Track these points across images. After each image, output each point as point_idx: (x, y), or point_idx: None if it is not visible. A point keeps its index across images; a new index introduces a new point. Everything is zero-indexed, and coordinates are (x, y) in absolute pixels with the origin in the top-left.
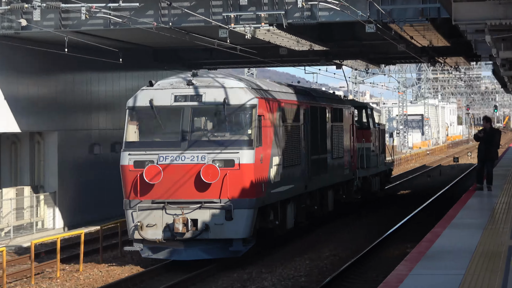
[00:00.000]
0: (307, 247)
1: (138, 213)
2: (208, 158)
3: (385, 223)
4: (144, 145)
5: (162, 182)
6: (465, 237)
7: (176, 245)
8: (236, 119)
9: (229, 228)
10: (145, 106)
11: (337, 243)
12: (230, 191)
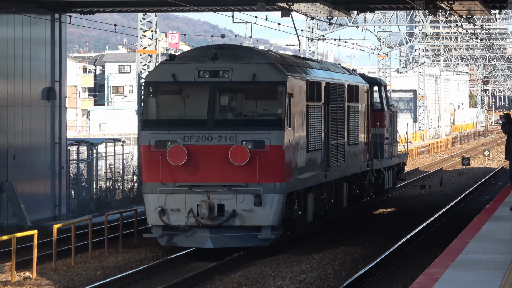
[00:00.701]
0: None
1: (159, 197)
2: (237, 139)
3: (349, 265)
4: (166, 123)
5: (187, 164)
6: (477, 283)
7: (200, 232)
8: (265, 97)
9: (258, 214)
10: (166, 81)
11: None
12: (260, 175)
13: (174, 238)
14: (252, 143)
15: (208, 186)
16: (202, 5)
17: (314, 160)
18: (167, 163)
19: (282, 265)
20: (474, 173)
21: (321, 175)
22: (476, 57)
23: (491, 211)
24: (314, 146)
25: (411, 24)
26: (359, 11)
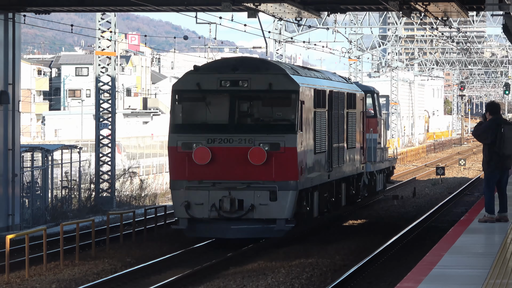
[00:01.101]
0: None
1: (186, 193)
2: (255, 142)
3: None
4: (191, 127)
5: (210, 164)
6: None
7: (222, 224)
8: (280, 103)
9: (273, 208)
10: (191, 89)
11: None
12: (275, 173)
13: (198, 230)
14: (269, 145)
15: (229, 183)
16: (164, 4)
17: (320, 161)
18: (192, 163)
19: (246, 279)
20: (449, 183)
21: (325, 175)
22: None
23: (467, 223)
24: (320, 148)
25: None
26: (329, 12)
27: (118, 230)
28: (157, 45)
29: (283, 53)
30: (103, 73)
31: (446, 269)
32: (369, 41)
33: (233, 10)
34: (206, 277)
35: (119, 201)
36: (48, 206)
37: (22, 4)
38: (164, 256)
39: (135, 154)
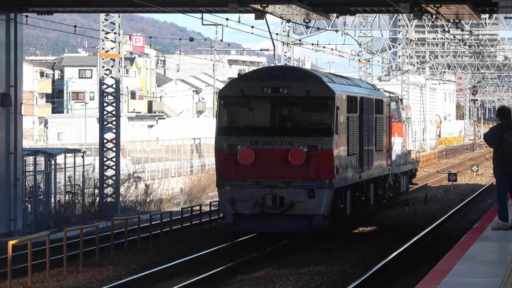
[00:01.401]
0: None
1: (231, 190)
2: (295, 144)
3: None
4: (236, 130)
5: (254, 164)
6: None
7: (264, 220)
8: (318, 109)
9: (312, 205)
10: (236, 95)
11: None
12: (313, 173)
13: (242, 224)
14: (307, 147)
15: (271, 182)
16: (170, 5)
17: (352, 163)
18: (237, 163)
19: (254, 286)
20: (461, 190)
21: (357, 176)
22: (464, 65)
23: (480, 231)
24: (352, 150)
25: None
26: (338, 14)
27: (122, 236)
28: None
29: (291, 55)
30: (107, 75)
31: (458, 277)
32: (379, 43)
33: (240, 11)
34: (213, 284)
35: (123, 206)
36: (51, 211)
37: (24, 4)
38: (169, 263)
39: (140, 159)
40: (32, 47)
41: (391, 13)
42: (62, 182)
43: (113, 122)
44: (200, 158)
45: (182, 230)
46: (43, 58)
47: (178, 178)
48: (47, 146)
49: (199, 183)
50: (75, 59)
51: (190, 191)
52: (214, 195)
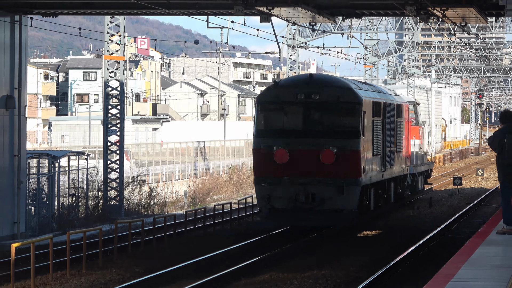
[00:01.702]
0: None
1: (267, 187)
2: (326, 145)
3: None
4: (272, 132)
5: (288, 163)
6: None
7: (297, 214)
8: (346, 113)
9: (341, 201)
10: (272, 101)
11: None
12: (342, 171)
13: (277, 219)
14: (337, 148)
15: (304, 179)
16: (175, 8)
17: (376, 163)
18: (273, 162)
19: None
20: (466, 194)
21: (380, 175)
22: (470, 69)
23: (484, 235)
24: (377, 151)
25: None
26: (344, 17)
27: (126, 239)
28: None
29: (297, 58)
30: (111, 77)
31: (462, 281)
32: (385, 47)
33: (245, 14)
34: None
35: (127, 209)
36: (54, 214)
37: (29, 6)
38: (173, 267)
39: (144, 162)
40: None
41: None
42: (66, 185)
43: (117, 124)
44: (204, 161)
45: (186, 233)
46: (47, 60)
47: (182, 181)
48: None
49: (203, 186)
50: (80, 62)
51: (194, 194)
52: (219, 198)
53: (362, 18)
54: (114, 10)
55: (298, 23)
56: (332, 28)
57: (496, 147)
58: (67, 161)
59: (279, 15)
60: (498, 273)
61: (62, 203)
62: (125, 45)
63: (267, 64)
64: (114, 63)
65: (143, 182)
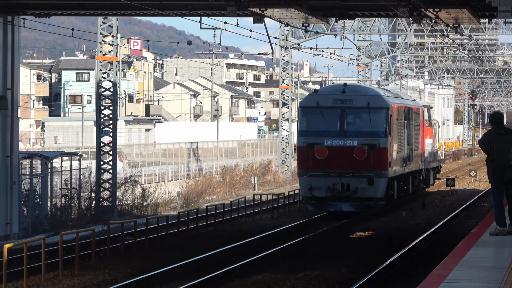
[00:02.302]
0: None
1: (309, 179)
2: (358, 143)
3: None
4: (313, 133)
5: (327, 158)
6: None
7: (335, 201)
8: (376, 117)
9: (371, 190)
10: (313, 106)
11: None
12: (373, 165)
13: (317, 205)
14: (368, 145)
15: (340, 172)
16: (168, 9)
17: (399, 158)
18: (314, 157)
19: None
20: (459, 195)
21: (402, 169)
22: (463, 70)
23: (477, 236)
24: (400, 149)
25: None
26: (337, 18)
27: (119, 240)
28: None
29: (290, 59)
30: (104, 78)
31: (455, 283)
32: (378, 48)
33: (238, 15)
34: None
35: (120, 210)
36: (47, 214)
37: (21, 7)
38: (166, 268)
39: (137, 162)
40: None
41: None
42: (59, 186)
43: (110, 125)
44: (197, 162)
45: (178, 234)
46: (40, 61)
47: (175, 182)
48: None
49: (196, 187)
50: (73, 62)
51: (187, 195)
52: (211, 199)
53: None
54: (106, 11)
55: (291, 24)
56: (325, 29)
57: (486, 149)
58: (60, 162)
59: (272, 16)
60: (491, 274)
61: (55, 204)
62: (118, 46)
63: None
64: (107, 64)
65: (135, 183)
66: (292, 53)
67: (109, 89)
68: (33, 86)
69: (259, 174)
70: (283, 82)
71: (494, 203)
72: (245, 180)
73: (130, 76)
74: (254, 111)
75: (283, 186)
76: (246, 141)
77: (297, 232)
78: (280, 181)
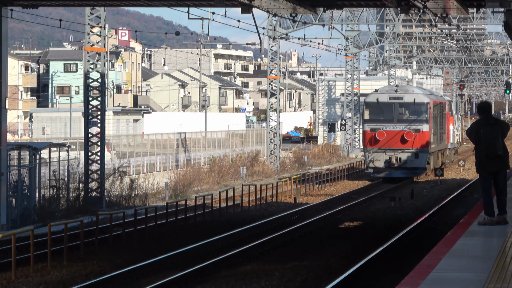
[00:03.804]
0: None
1: (371, 154)
2: (407, 128)
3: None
4: (375, 120)
5: (384, 139)
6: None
7: (390, 170)
8: (419, 109)
9: (416, 162)
10: (374, 101)
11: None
12: (417, 144)
13: (377, 172)
14: (414, 130)
15: (394, 149)
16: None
17: (435, 139)
18: (376, 138)
19: (239, 282)
20: (447, 185)
21: (435, 147)
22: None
23: (466, 226)
24: (435, 132)
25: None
26: (325, 8)
27: (107, 231)
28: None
29: (278, 49)
30: (92, 69)
31: (444, 272)
32: (366, 38)
33: (226, 5)
34: (198, 280)
35: (108, 201)
36: (35, 205)
37: None
38: (154, 258)
39: (125, 153)
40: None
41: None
42: (47, 177)
43: (98, 116)
44: (185, 153)
45: (167, 225)
46: (28, 52)
47: (164, 172)
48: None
49: (184, 177)
50: (60, 53)
51: (175, 186)
52: (200, 189)
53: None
54: (94, 1)
55: (279, 14)
56: (313, 19)
57: (474, 139)
58: (48, 153)
59: (260, 6)
60: (480, 264)
61: (43, 195)
62: (106, 37)
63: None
64: (94, 55)
65: (124, 173)
66: (280, 43)
67: (97, 80)
68: (21, 77)
69: (248, 165)
70: (271, 72)
71: (483, 193)
72: (234, 170)
73: (118, 66)
74: (242, 102)
75: (271, 177)
76: (235, 131)
77: (285, 223)
78: (269, 171)
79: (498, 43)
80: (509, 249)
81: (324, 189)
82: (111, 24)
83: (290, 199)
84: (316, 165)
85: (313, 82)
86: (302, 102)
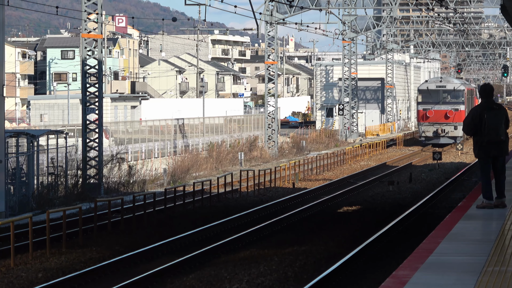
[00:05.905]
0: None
1: (423, 127)
2: (449, 108)
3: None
4: (426, 102)
5: (433, 116)
6: (449, 287)
7: (436, 138)
8: (458, 94)
9: (455, 132)
10: (425, 89)
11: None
12: (456, 119)
13: (428, 140)
14: (454, 109)
15: (440, 123)
16: None
17: (468, 117)
18: (426, 115)
19: (238, 267)
20: (446, 169)
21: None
22: (449, 43)
23: (464, 209)
24: (468, 111)
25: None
26: None
27: (106, 217)
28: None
29: (275, 35)
30: (89, 56)
31: (443, 256)
32: (363, 22)
33: None
34: (196, 265)
35: (107, 187)
36: (34, 193)
37: None
38: (153, 244)
39: (123, 140)
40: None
41: None
42: (45, 164)
43: (96, 103)
44: (183, 139)
45: (165, 211)
46: (25, 39)
47: (162, 158)
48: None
49: (182, 163)
50: (58, 40)
51: (173, 172)
52: (198, 175)
53: None
54: None
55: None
56: (310, 4)
57: (476, 124)
58: (46, 140)
59: None
60: (479, 247)
61: (42, 182)
62: (103, 23)
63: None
64: (92, 42)
65: (122, 160)
66: (277, 28)
67: (95, 67)
68: (18, 64)
69: (246, 150)
70: (268, 58)
71: (481, 177)
72: (232, 156)
73: (115, 53)
74: (240, 87)
75: (269, 162)
76: (232, 117)
77: (284, 208)
78: (267, 156)
79: (496, 26)
80: (508, 232)
81: (322, 174)
82: (108, 10)
83: (288, 184)
84: (314, 150)
85: (310, 67)
86: (299, 87)
